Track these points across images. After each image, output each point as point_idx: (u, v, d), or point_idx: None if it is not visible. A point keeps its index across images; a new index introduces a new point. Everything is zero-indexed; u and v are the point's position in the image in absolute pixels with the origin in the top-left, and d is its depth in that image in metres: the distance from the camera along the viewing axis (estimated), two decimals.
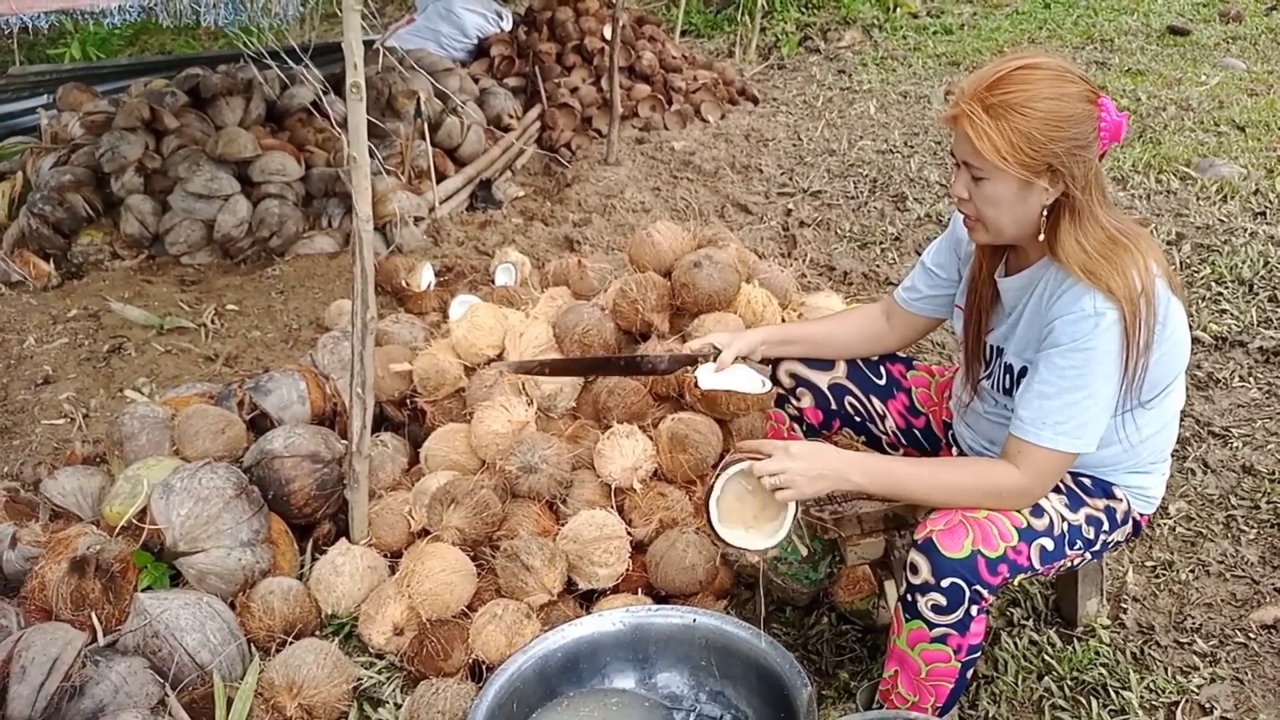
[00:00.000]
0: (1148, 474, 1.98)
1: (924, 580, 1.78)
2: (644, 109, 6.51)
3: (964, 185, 1.78)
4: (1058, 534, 1.86)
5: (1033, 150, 1.67)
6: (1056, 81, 1.69)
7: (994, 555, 1.77)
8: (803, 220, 4.84)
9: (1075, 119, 1.69)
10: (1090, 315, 1.70)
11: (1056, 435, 1.74)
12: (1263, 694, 2.14)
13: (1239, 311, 3.59)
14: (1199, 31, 7.41)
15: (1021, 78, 1.68)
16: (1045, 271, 1.83)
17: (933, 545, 1.77)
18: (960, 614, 1.78)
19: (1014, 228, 1.79)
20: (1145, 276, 1.71)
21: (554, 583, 2.32)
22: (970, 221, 1.84)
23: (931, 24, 8.56)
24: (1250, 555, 2.52)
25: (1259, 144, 5.09)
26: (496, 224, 5.05)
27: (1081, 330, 1.71)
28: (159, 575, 2.45)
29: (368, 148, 2.34)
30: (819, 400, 2.23)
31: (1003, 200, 1.74)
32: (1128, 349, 1.71)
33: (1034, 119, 1.66)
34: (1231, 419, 3.06)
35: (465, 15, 6.80)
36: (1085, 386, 1.72)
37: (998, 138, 1.67)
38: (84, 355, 3.96)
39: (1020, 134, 1.66)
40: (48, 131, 5.45)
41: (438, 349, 3.01)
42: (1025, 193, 1.73)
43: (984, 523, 1.79)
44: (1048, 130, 1.67)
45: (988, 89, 1.69)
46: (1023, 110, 1.66)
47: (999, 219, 1.77)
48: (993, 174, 1.72)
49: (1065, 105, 1.68)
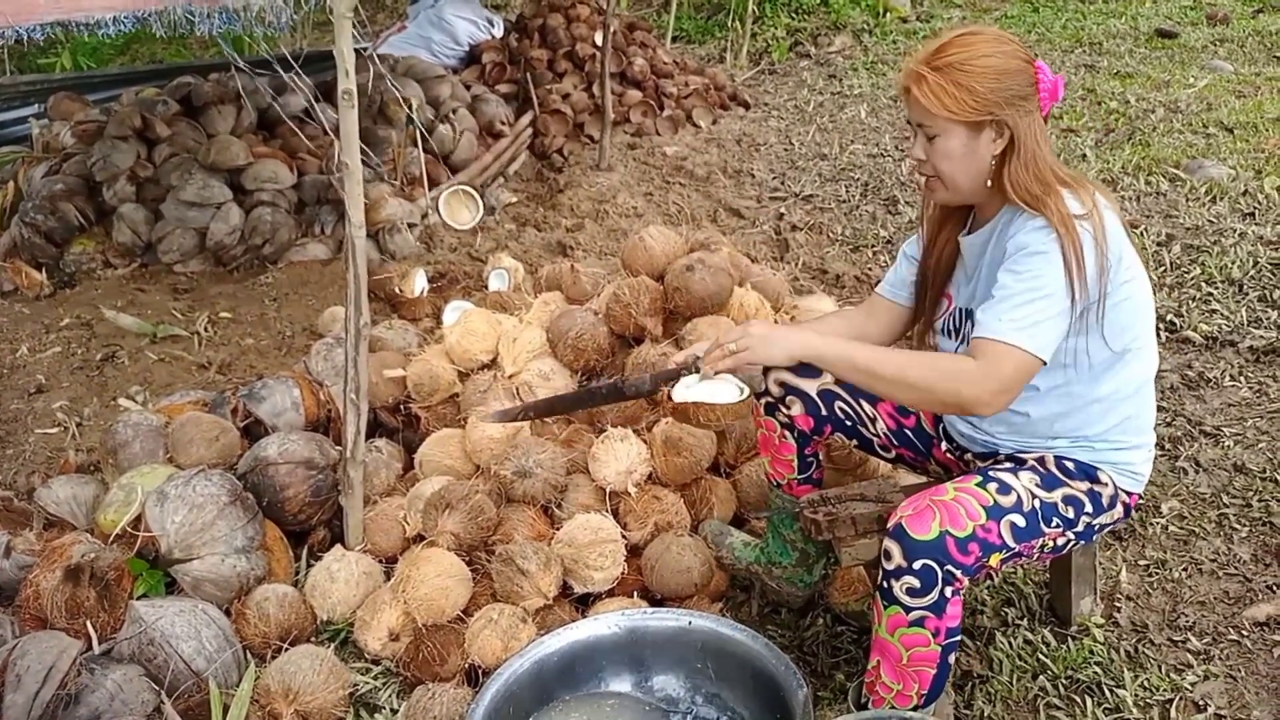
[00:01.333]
0: (1133, 450, 2.00)
1: (897, 565, 1.81)
2: (636, 115, 6.53)
3: (920, 147, 1.92)
4: (1028, 510, 1.89)
5: (975, 101, 1.82)
6: (994, 42, 1.86)
7: (962, 535, 1.80)
8: (795, 224, 4.86)
9: (1012, 72, 1.84)
10: (1042, 228, 1.81)
11: (1011, 330, 1.78)
12: (1256, 691, 2.15)
13: (1229, 311, 3.61)
14: (1187, 34, 7.46)
15: (962, 42, 1.86)
16: (1000, 218, 1.95)
17: (902, 530, 1.81)
18: (935, 595, 1.80)
19: (968, 180, 1.90)
20: (1092, 204, 1.82)
21: (549, 587, 2.32)
22: (931, 182, 1.96)
23: (921, 29, 8.60)
24: (1242, 553, 2.53)
25: (1247, 145, 5.12)
26: (489, 230, 5.06)
27: (1035, 239, 1.81)
28: (154, 583, 2.44)
29: (360, 154, 2.35)
30: (809, 407, 2.24)
31: (955, 153, 1.88)
32: (1075, 263, 1.78)
33: (974, 73, 1.82)
34: (1223, 418, 3.08)
35: (457, 22, 6.82)
36: (1040, 288, 1.78)
37: (943, 94, 1.83)
38: (77, 364, 3.96)
39: (962, 87, 1.82)
40: (39, 141, 5.44)
41: (431, 355, 3.01)
42: (974, 144, 1.86)
43: (950, 504, 1.82)
44: (988, 82, 1.82)
45: (932, 54, 1.86)
46: (963, 66, 1.82)
47: (954, 173, 1.90)
48: (943, 129, 1.86)
49: (1002, 60, 1.84)
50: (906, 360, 1.87)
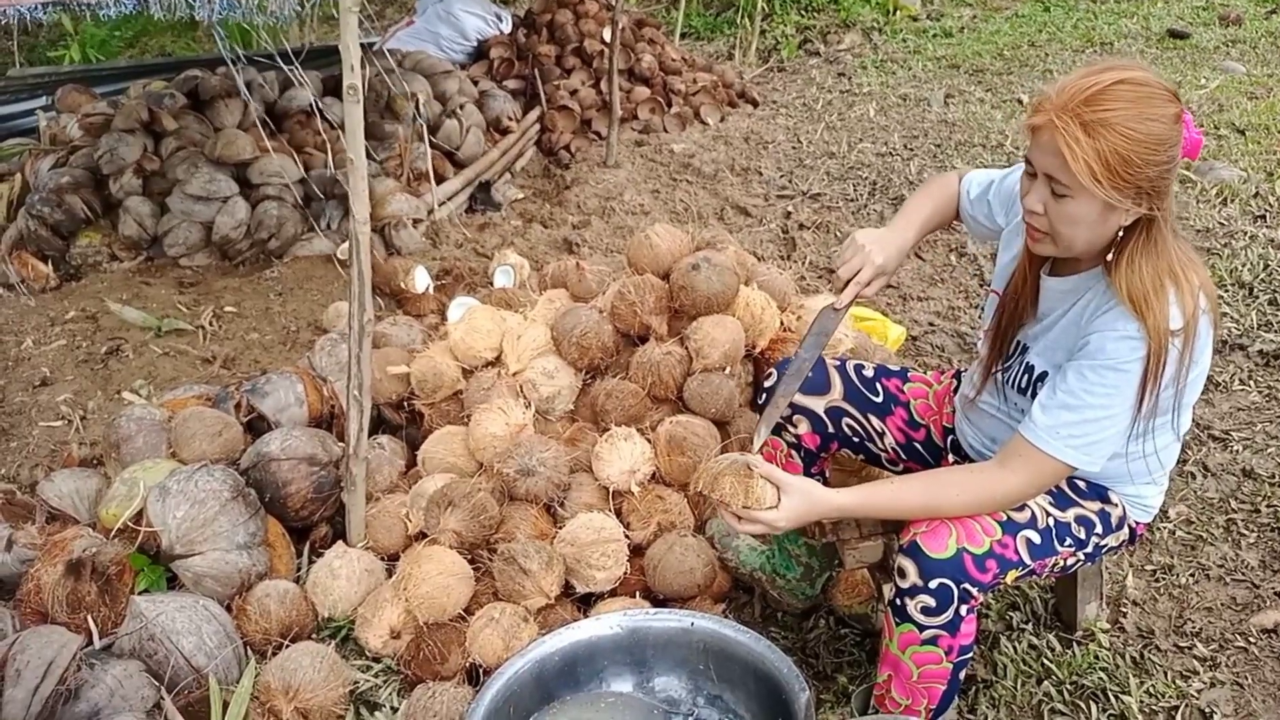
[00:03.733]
0: (1146, 484, 1.97)
1: (912, 583, 1.78)
2: (643, 111, 6.51)
3: (1040, 199, 1.69)
4: (1042, 527, 1.86)
5: (1128, 173, 1.60)
6: (1155, 101, 1.62)
7: (980, 551, 1.77)
8: (802, 223, 4.84)
9: (1169, 142, 1.63)
10: (1134, 339, 1.66)
11: (1066, 448, 1.72)
12: (1263, 698, 2.13)
13: (1239, 315, 3.58)
14: (1199, 35, 7.41)
15: (1120, 95, 1.60)
16: (1095, 283, 1.78)
17: (918, 548, 1.77)
18: (950, 614, 1.78)
19: (1086, 246, 1.72)
20: (1191, 315, 1.67)
21: (551, 586, 2.31)
22: (1037, 234, 1.75)
23: (931, 27, 8.56)
24: (1250, 559, 2.51)
25: (1259, 147, 5.08)
26: (495, 226, 5.04)
27: (1121, 351, 1.67)
28: (155, 578, 2.44)
29: (365, 149, 2.34)
30: (815, 425, 2.22)
31: (1083, 220, 1.67)
32: (1150, 382, 1.68)
33: (1134, 140, 1.59)
34: (1232, 422, 3.05)
35: (465, 18, 6.80)
36: (1110, 408, 1.69)
37: (1094, 158, 1.58)
38: (82, 357, 3.95)
39: (1118, 156, 1.59)
40: (46, 133, 5.44)
41: (435, 351, 3.00)
42: (1108, 213, 1.66)
43: (967, 521, 1.79)
44: (1144, 154, 1.60)
45: (1084, 103, 1.59)
46: (1122, 131, 1.58)
47: (1074, 236, 1.70)
48: (1079, 193, 1.63)
49: (1162, 128, 1.61)
50: (939, 491, 1.80)
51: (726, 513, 1.86)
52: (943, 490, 1.80)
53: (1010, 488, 1.77)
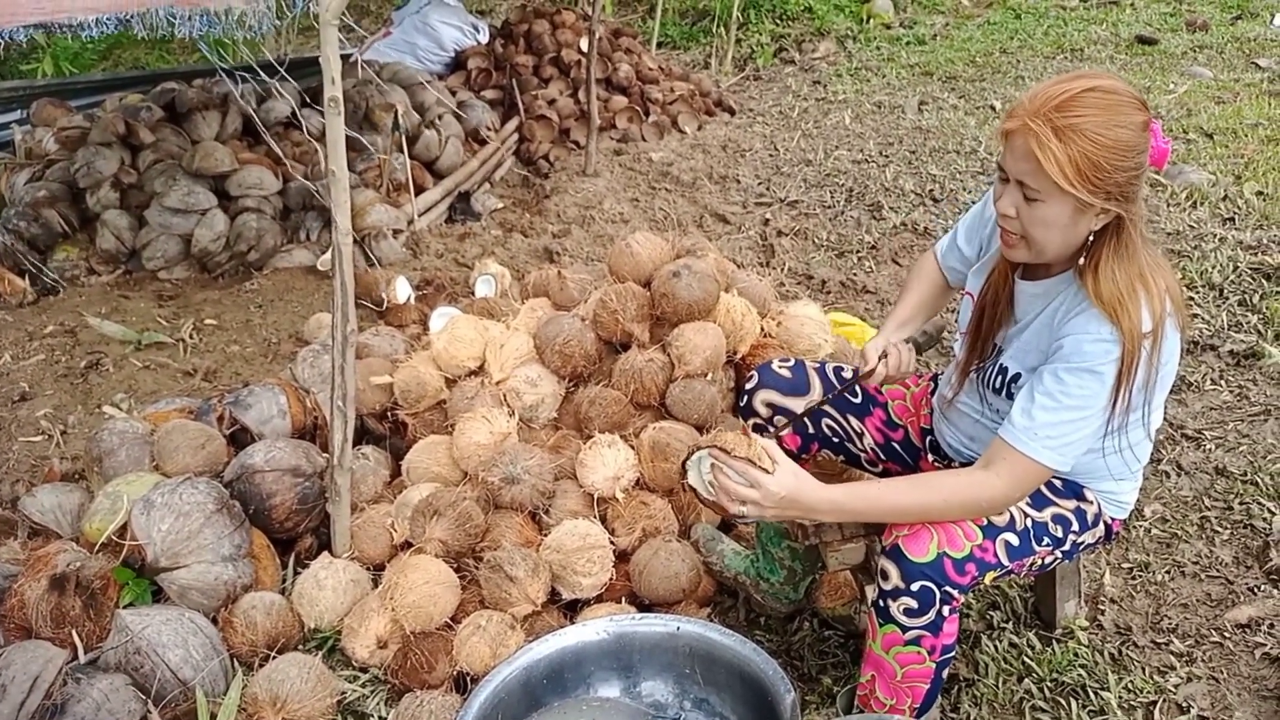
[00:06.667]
0: (1120, 480, 2.00)
1: (894, 585, 1.80)
2: (621, 120, 6.54)
3: (1013, 202, 1.73)
4: (1021, 529, 1.89)
5: (1099, 177, 1.64)
6: (1124, 109, 1.66)
7: (959, 555, 1.80)
8: (780, 230, 4.88)
9: (1137, 149, 1.67)
10: (1108, 341, 1.70)
11: (1044, 449, 1.75)
12: (1238, 692, 2.17)
13: (1210, 316, 3.64)
14: (1166, 41, 7.53)
15: (1090, 102, 1.64)
16: (1065, 286, 1.82)
17: (899, 551, 1.80)
18: (932, 615, 1.80)
19: (1059, 250, 1.76)
20: (1159, 318, 1.71)
21: (537, 593, 2.33)
22: (1011, 238, 1.78)
23: (904, 35, 8.65)
24: (1224, 556, 2.56)
25: (1227, 151, 5.17)
26: (476, 236, 5.06)
27: (1096, 353, 1.71)
28: (140, 591, 2.43)
29: (346, 161, 2.35)
30: (796, 426, 2.25)
31: (1055, 223, 1.71)
32: (1124, 383, 1.72)
33: (1103, 145, 1.63)
34: (1204, 422, 3.11)
35: (442, 28, 6.82)
36: (1086, 409, 1.73)
37: (1066, 162, 1.63)
38: (61, 371, 3.93)
39: (1088, 160, 1.63)
40: (22, 147, 5.41)
41: (418, 361, 3.01)
42: (1078, 217, 1.70)
43: (948, 525, 1.82)
44: (1113, 159, 1.64)
45: (1056, 109, 1.64)
46: (1093, 137, 1.63)
47: (1046, 240, 1.74)
48: (1051, 196, 1.67)
49: (1130, 134, 1.66)
50: (925, 495, 1.82)
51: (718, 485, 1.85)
52: (930, 494, 1.82)
53: (995, 493, 1.80)
